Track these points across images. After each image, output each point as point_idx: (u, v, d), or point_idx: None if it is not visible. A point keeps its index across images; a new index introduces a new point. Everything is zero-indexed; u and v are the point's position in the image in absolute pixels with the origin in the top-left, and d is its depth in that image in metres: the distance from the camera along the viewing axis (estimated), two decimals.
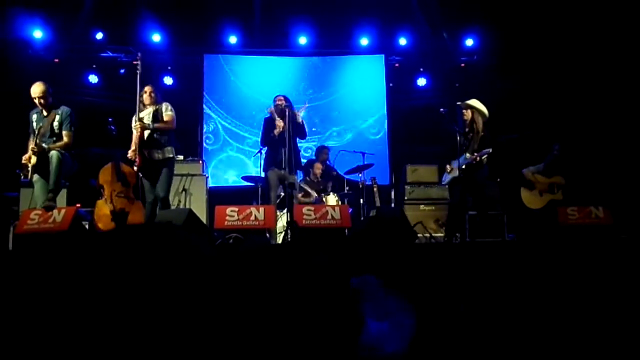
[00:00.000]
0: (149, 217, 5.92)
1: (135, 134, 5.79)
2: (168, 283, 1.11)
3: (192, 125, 9.96)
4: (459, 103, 6.55)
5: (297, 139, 6.78)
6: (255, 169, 7.59)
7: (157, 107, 5.97)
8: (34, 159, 5.68)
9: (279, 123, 6.46)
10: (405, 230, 5.50)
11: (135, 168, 5.88)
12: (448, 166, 6.63)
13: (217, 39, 10.18)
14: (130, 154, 5.82)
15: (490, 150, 6.34)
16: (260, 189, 7.66)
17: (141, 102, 5.97)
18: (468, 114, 6.47)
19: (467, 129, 6.54)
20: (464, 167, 6.45)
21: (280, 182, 6.69)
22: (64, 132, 5.87)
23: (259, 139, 7.06)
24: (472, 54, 10.51)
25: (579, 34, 8.49)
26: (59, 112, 5.90)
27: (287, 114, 6.45)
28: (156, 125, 5.86)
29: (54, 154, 5.64)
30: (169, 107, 6.00)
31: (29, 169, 5.73)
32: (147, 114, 5.93)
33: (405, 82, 10.84)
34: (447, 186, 6.95)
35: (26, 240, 5.32)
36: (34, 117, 5.92)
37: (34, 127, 5.86)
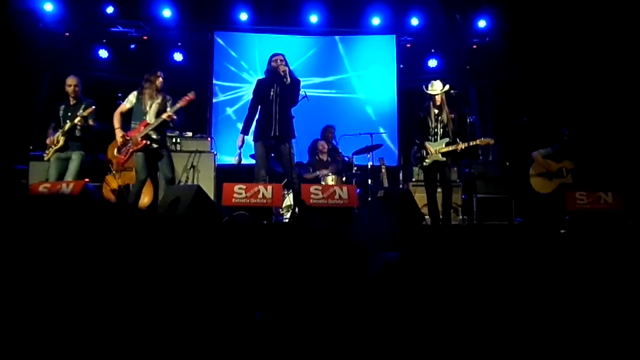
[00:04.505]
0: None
1: None
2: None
3: (201, 102, 9.94)
4: (431, 91, 6.58)
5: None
6: None
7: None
8: (62, 141, 6.23)
9: None
10: (412, 212, 5.52)
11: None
12: (432, 148, 6.57)
13: (228, 15, 10.07)
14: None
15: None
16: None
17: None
18: (439, 98, 6.55)
19: (437, 112, 6.65)
20: (447, 149, 6.48)
21: (268, 155, 6.12)
22: (90, 120, 6.35)
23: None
24: (484, 36, 10.39)
25: (592, 18, 8.38)
26: (84, 104, 6.38)
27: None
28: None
29: (75, 157, 6.26)
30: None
31: (52, 149, 6.29)
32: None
33: (416, 63, 10.73)
34: (419, 167, 7.06)
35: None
36: (62, 107, 6.48)
37: (60, 116, 6.42)
